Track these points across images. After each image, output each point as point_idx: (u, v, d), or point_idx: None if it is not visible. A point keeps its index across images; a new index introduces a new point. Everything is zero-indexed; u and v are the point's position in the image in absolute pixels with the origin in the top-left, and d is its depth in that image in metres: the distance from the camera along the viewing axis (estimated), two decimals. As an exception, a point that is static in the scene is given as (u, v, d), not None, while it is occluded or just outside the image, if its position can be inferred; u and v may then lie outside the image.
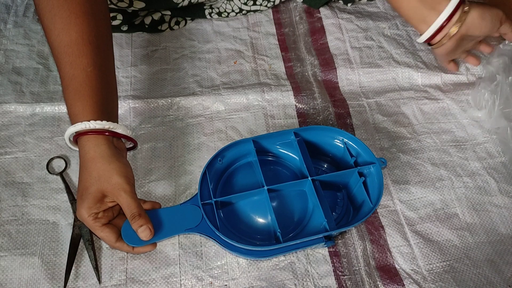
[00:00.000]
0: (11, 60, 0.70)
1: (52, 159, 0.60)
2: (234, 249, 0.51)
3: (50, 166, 0.60)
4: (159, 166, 0.60)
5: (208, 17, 0.77)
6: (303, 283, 0.52)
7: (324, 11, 0.78)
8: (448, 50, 0.61)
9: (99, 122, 0.48)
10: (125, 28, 0.73)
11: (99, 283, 0.51)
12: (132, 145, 0.57)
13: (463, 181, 0.60)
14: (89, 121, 0.47)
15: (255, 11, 0.78)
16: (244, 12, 0.77)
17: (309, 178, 0.53)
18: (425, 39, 0.60)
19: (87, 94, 0.48)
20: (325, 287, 0.52)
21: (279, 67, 0.72)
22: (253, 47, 0.74)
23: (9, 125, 0.63)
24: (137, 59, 0.72)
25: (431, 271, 0.53)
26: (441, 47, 0.61)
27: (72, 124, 0.49)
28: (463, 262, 0.54)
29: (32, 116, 0.64)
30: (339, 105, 0.67)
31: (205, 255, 0.54)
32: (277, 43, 0.75)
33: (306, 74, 0.71)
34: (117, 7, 0.70)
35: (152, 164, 0.61)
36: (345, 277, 0.53)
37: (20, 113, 0.64)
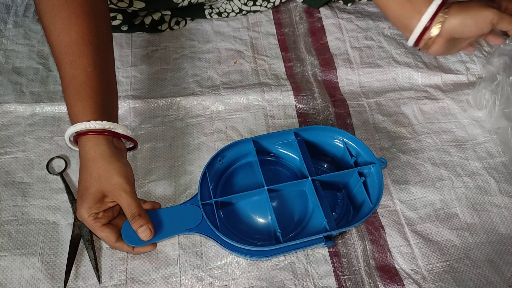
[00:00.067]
0: (11, 60, 0.70)
1: (52, 159, 0.60)
2: (234, 249, 0.51)
3: (50, 166, 0.60)
4: (159, 166, 0.60)
5: (208, 17, 0.77)
6: (303, 283, 0.52)
7: (324, 11, 0.78)
8: (438, 52, 0.59)
9: (99, 122, 0.48)
10: (125, 28, 0.73)
11: (99, 283, 0.51)
12: (132, 145, 0.57)
13: (463, 181, 0.60)
14: (89, 121, 0.47)
15: (255, 11, 0.78)
16: (244, 12, 0.77)
17: (309, 178, 0.53)
18: (411, 44, 0.58)
19: (87, 94, 0.48)
20: (325, 287, 0.52)
21: (279, 67, 0.72)
22: (253, 47, 0.74)
23: (9, 125, 0.63)
24: (137, 59, 0.72)
25: (431, 271, 0.53)
26: (431, 50, 0.59)
27: (72, 124, 0.49)
28: (463, 262, 0.54)
29: (32, 116, 0.64)
30: (339, 105, 0.67)
31: (205, 255, 0.54)
32: (277, 43, 0.75)
33: (306, 74, 0.71)
34: (117, 7, 0.70)
35: (152, 164, 0.61)
36: (345, 277, 0.53)
37: (20, 113, 0.64)
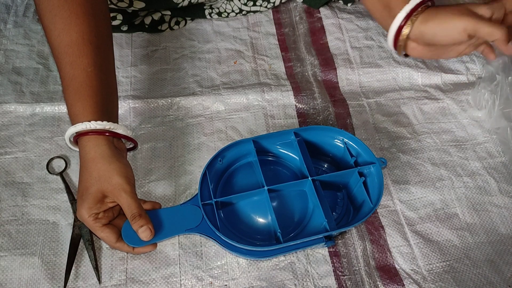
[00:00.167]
0: (11, 60, 0.70)
1: (52, 159, 0.60)
2: (234, 249, 0.51)
3: (50, 166, 0.60)
4: (159, 166, 0.60)
5: (208, 17, 0.77)
6: (303, 283, 0.52)
7: (324, 11, 0.78)
8: (418, 55, 0.57)
9: (99, 122, 0.48)
10: (125, 28, 0.73)
11: (99, 283, 0.51)
12: (132, 145, 0.57)
13: (463, 181, 0.60)
14: (90, 121, 0.47)
15: (255, 11, 0.78)
16: (244, 12, 0.77)
17: (309, 178, 0.53)
18: (390, 44, 0.57)
19: (87, 94, 0.48)
20: (325, 287, 0.52)
21: (279, 67, 0.72)
22: (253, 47, 0.74)
23: (9, 125, 0.63)
24: (137, 59, 0.72)
25: (431, 271, 0.53)
26: (409, 53, 0.57)
27: (72, 124, 0.49)
28: (463, 262, 0.54)
29: (32, 116, 0.64)
30: (339, 105, 0.67)
31: (205, 255, 0.54)
32: (277, 43, 0.75)
33: (306, 74, 0.71)
34: (117, 7, 0.70)
35: (152, 164, 0.61)
36: (345, 277, 0.53)
37: (20, 113, 0.64)
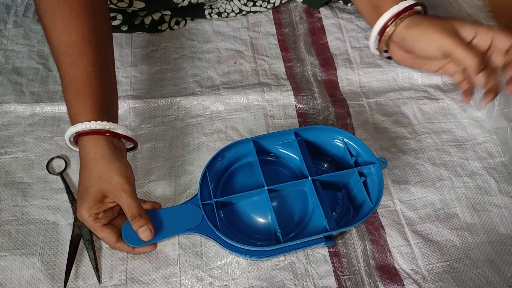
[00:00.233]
0: (11, 60, 0.70)
1: (52, 159, 0.60)
2: (234, 249, 0.51)
3: (50, 166, 0.60)
4: (159, 166, 0.60)
5: (208, 17, 0.77)
6: (303, 283, 0.52)
7: (324, 11, 0.78)
8: (399, 60, 0.56)
9: (99, 122, 0.48)
10: (125, 28, 0.73)
11: (99, 283, 0.51)
12: (132, 145, 0.57)
13: (463, 181, 0.60)
14: (90, 121, 0.47)
15: (255, 12, 0.78)
16: (244, 13, 0.77)
17: (309, 178, 0.53)
18: (372, 44, 0.57)
19: (87, 94, 0.48)
20: (325, 287, 0.52)
21: (279, 67, 0.72)
22: (253, 47, 0.74)
23: (9, 125, 0.63)
24: (137, 59, 0.72)
25: (431, 271, 0.53)
26: (392, 55, 0.57)
27: (72, 124, 0.49)
28: (463, 262, 0.54)
29: (32, 116, 0.64)
30: (339, 105, 0.67)
31: (205, 255, 0.54)
32: (277, 43, 0.75)
33: (306, 74, 0.71)
34: (117, 7, 0.70)
35: (152, 164, 0.61)
36: (345, 277, 0.53)
37: (20, 113, 0.64)
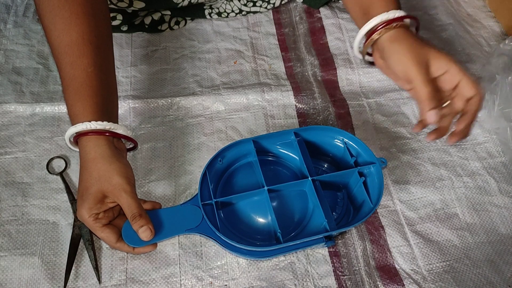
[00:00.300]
0: (11, 60, 0.70)
1: (52, 159, 0.60)
2: (234, 249, 0.51)
3: (50, 166, 0.60)
4: (159, 166, 0.60)
5: (208, 17, 0.77)
6: (303, 283, 0.52)
7: (324, 11, 0.78)
8: (380, 68, 0.56)
9: (99, 122, 0.48)
10: (125, 28, 0.73)
11: (99, 283, 0.51)
12: (132, 145, 0.57)
13: (463, 181, 0.60)
14: (90, 121, 0.47)
15: (254, 12, 0.78)
16: (244, 13, 0.77)
17: (309, 178, 0.53)
18: (356, 47, 0.57)
19: (87, 94, 0.48)
20: (325, 287, 0.52)
21: (279, 67, 0.72)
22: (253, 47, 0.74)
23: (9, 125, 0.63)
24: (137, 59, 0.72)
25: (431, 271, 0.53)
26: (374, 61, 0.57)
27: (72, 124, 0.49)
28: (463, 262, 0.54)
29: (32, 116, 0.64)
30: (339, 105, 0.67)
31: (205, 255, 0.54)
32: (277, 43, 0.75)
33: (306, 74, 0.71)
34: (117, 7, 0.70)
35: (152, 164, 0.61)
36: (345, 277, 0.53)
37: (20, 113, 0.64)
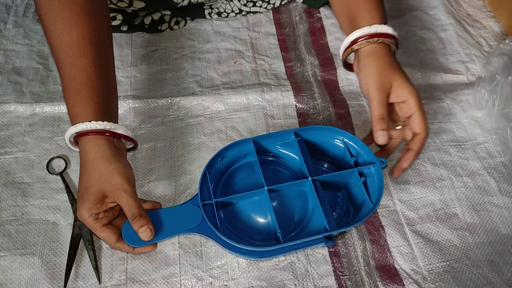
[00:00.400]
0: (11, 60, 0.70)
1: (52, 159, 0.60)
2: (234, 249, 0.51)
3: (50, 166, 0.60)
4: (159, 166, 0.60)
5: (208, 17, 0.77)
6: (303, 283, 0.52)
7: (324, 11, 0.78)
8: (355, 73, 0.57)
9: (100, 122, 0.48)
10: (125, 28, 0.73)
11: (99, 283, 0.51)
12: (132, 145, 0.57)
13: (463, 181, 0.60)
14: (90, 121, 0.47)
15: (254, 12, 0.78)
16: (244, 13, 0.77)
17: (309, 178, 0.53)
18: (341, 53, 0.57)
19: (87, 94, 0.48)
20: (325, 287, 0.52)
21: (279, 67, 0.72)
22: (253, 47, 0.74)
23: (9, 125, 0.63)
24: (137, 59, 0.72)
25: (431, 271, 0.53)
26: (353, 67, 0.58)
27: (72, 124, 0.49)
28: (463, 262, 0.54)
29: (32, 116, 0.64)
30: (339, 105, 0.67)
31: (205, 255, 0.54)
32: (277, 43, 0.75)
33: (306, 74, 0.71)
34: (117, 7, 0.70)
35: (152, 164, 0.61)
36: (345, 277, 0.53)
37: (20, 113, 0.64)
